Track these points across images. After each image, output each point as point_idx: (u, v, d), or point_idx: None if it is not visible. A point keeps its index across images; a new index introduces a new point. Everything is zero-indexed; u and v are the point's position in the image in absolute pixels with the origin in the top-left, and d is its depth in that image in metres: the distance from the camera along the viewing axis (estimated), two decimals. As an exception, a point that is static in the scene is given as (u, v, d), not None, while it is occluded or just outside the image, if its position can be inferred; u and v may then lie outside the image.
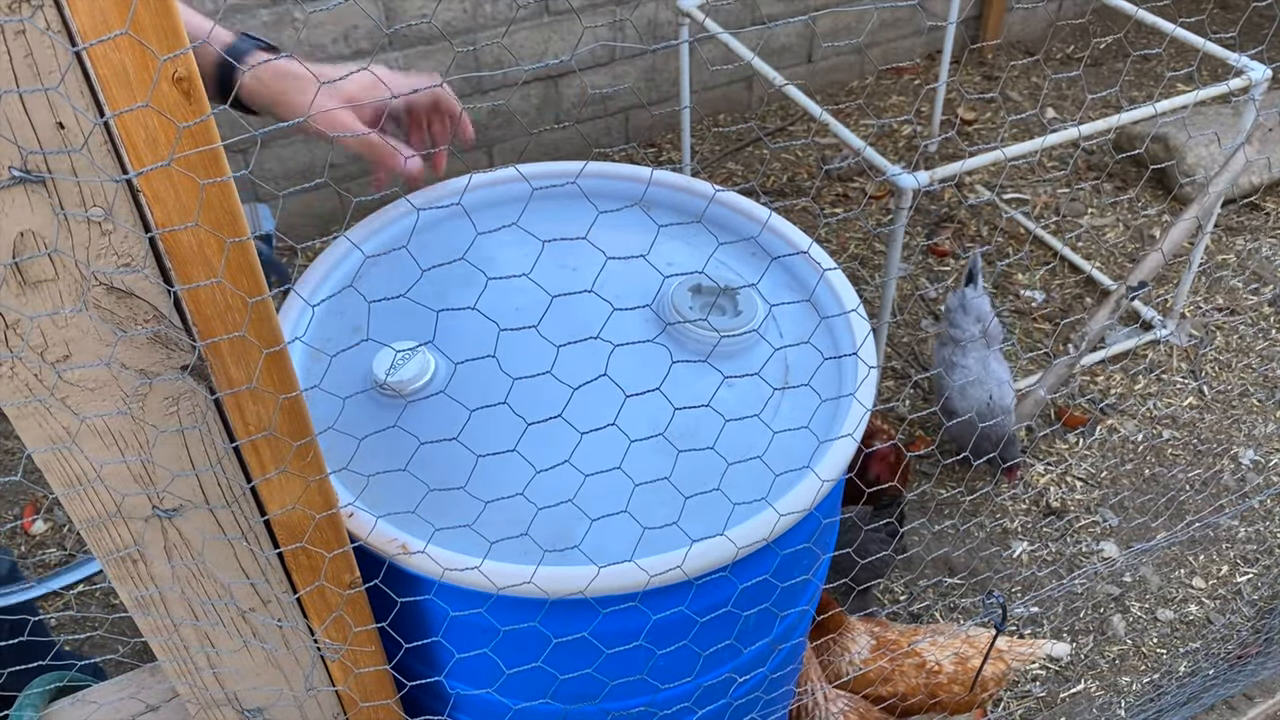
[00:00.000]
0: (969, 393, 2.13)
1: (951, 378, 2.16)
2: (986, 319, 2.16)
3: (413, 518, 0.91)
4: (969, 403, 2.14)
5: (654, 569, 0.88)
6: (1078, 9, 3.68)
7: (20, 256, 0.58)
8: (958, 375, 2.14)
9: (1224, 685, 1.74)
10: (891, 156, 3.13)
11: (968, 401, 2.14)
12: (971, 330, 2.14)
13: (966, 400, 2.14)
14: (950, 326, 2.18)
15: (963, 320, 2.16)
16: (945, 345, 2.21)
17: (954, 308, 2.18)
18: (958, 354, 2.16)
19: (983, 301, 2.17)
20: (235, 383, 0.68)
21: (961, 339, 2.16)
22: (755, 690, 1.15)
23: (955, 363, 2.16)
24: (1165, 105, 2.07)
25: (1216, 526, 2.20)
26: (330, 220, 2.83)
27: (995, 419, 2.10)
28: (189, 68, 0.55)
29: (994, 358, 2.17)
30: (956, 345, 2.17)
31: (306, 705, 0.95)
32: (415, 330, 1.11)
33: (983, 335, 2.16)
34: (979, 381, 2.13)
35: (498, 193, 1.26)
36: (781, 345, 1.12)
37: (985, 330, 2.16)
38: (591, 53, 2.92)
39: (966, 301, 2.16)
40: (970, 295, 2.15)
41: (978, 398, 2.13)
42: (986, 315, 2.17)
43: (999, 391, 2.14)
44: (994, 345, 2.19)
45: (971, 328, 2.14)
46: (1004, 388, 2.15)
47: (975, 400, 2.13)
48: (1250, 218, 2.97)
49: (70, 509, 0.72)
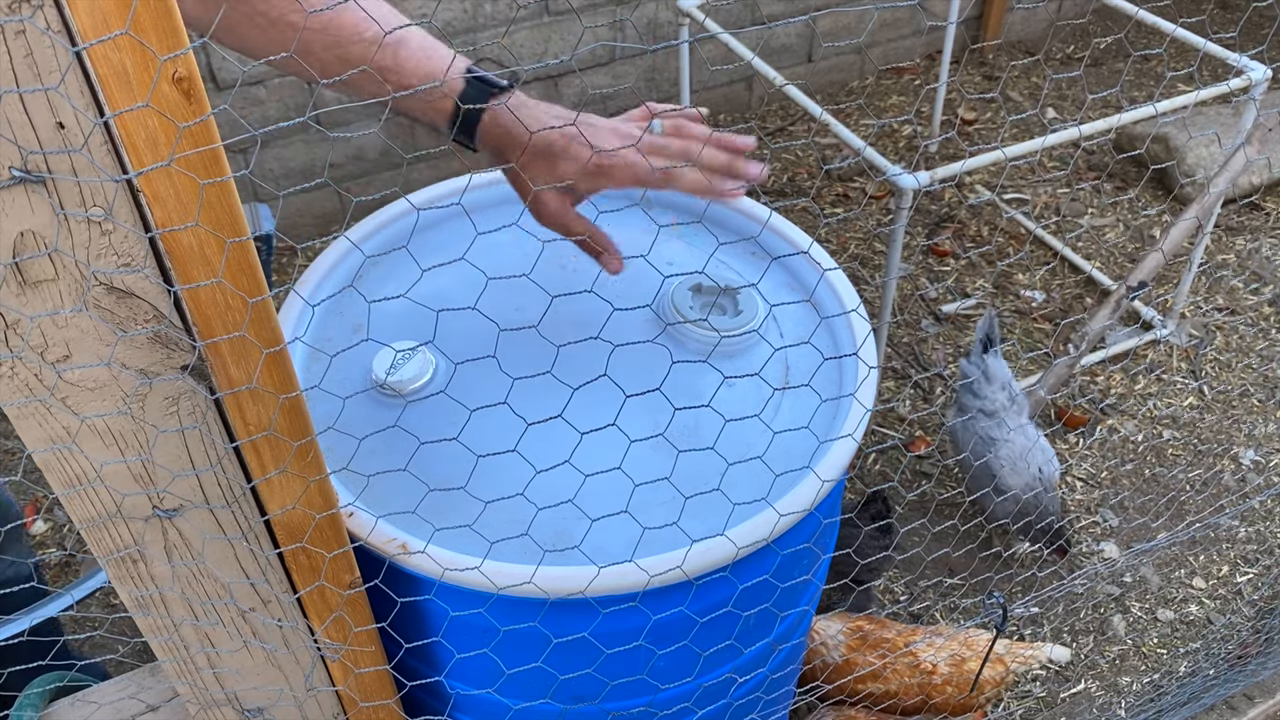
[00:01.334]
0: (1018, 468, 1.96)
1: (996, 454, 1.97)
2: (1010, 383, 2.01)
3: (413, 518, 0.91)
4: (1020, 478, 1.96)
5: (654, 569, 0.88)
6: (1078, 9, 3.68)
7: (20, 256, 0.58)
8: (1002, 450, 1.97)
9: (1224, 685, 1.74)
10: (892, 156, 3.13)
11: (1019, 477, 1.96)
12: (1000, 398, 2.00)
13: (1018, 475, 1.96)
14: (974, 399, 2.01)
15: (988, 390, 2.00)
16: (973, 418, 2.02)
17: (975, 377, 2.01)
18: (993, 427, 1.99)
19: (1003, 365, 2.03)
20: (235, 383, 0.68)
21: (993, 409, 1.99)
22: (755, 690, 1.15)
23: (994, 437, 1.98)
24: (1165, 105, 2.08)
25: (1217, 527, 2.20)
26: (330, 220, 2.83)
27: (1048, 493, 1.96)
28: (189, 68, 0.55)
29: (1030, 425, 2.02)
30: (989, 417, 1.99)
31: (306, 705, 0.95)
32: (415, 330, 1.11)
33: (1011, 401, 2.00)
34: (1024, 454, 1.97)
35: (498, 193, 1.26)
36: (782, 345, 1.12)
37: (1012, 396, 2.01)
38: (591, 53, 2.92)
39: (989, 369, 2.01)
40: (991, 361, 2.01)
41: (1026, 472, 1.96)
42: (1009, 379, 2.02)
43: (1045, 461, 1.97)
44: (1024, 411, 2.03)
45: (999, 395, 2.00)
46: (1051, 456, 1.99)
47: (1025, 475, 1.96)
48: (1250, 218, 2.97)
49: (70, 509, 0.72)
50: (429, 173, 2.92)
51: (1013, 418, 2.00)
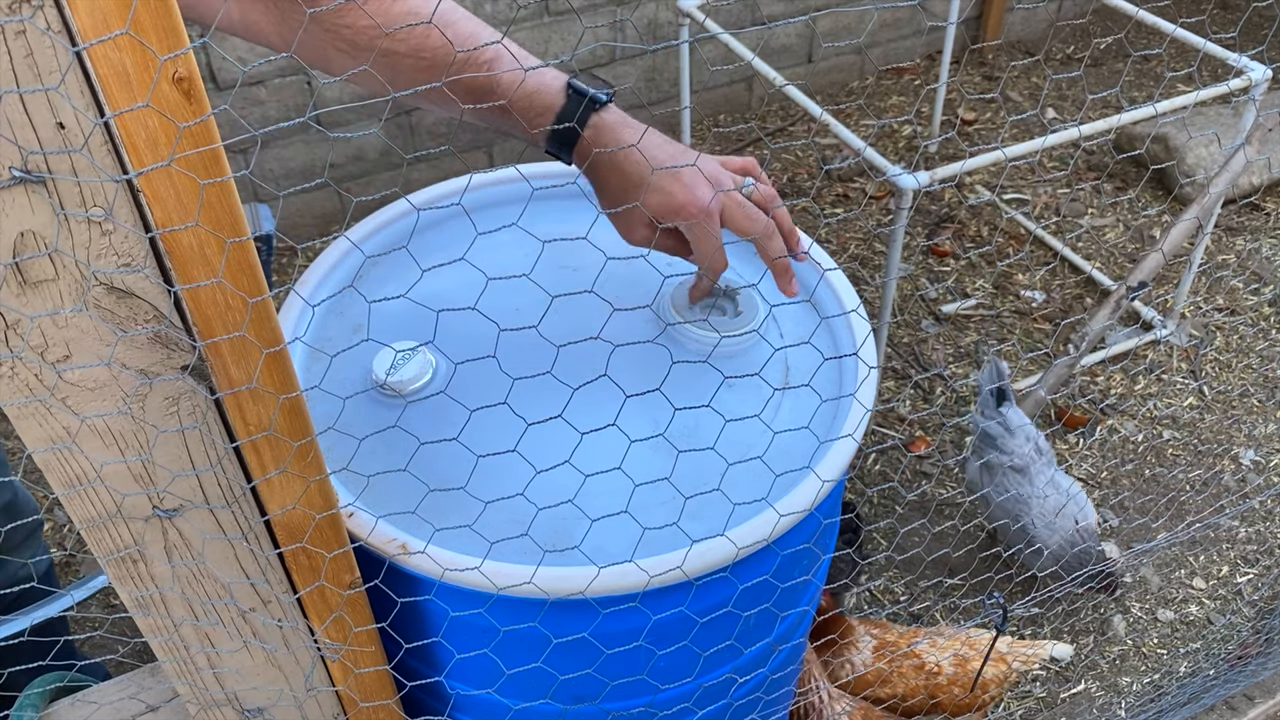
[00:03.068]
0: (1056, 524, 1.88)
1: (1030, 515, 1.89)
2: (1033, 433, 1.93)
3: (413, 518, 0.91)
4: (1058, 534, 1.88)
5: (654, 569, 0.88)
6: (1078, 9, 3.68)
7: (20, 256, 0.58)
8: (1035, 508, 1.89)
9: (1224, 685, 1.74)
10: (892, 156, 3.13)
11: (1056, 533, 1.88)
12: (1027, 451, 1.92)
13: (1054, 532, 1.89)
14: (999, 454, 1.94)
15: (1012, 444, 1.92)
16: (1000, 475, 1.94)
17: (997, 434, 1.94)
18: (1023, 483, 1.91)
19: (1020, 415, 1.96)
20: (235, 383, 0.68)
21: (1022, 464, 1.91)
22: (756, 691, 1.15)
23: (1026, 494, 1.90)
24: (1165, 105, 2.08)
25: (1217, 527, 2.20)
26: (330, 220, 2.83)
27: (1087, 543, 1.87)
28: (189, 68, 0.55)
29: (1059, 474, 1.94)
30: (1019, 473, 1.91)
31: (307, 705, 0.95)
32: (415, 330, 1.11)
33: (1040, 454, 1.93)
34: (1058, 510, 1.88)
35: (498, 193, 1.26)
36: (782, 345, 1.12)
37: (1039, 448, 1.93)
38: (592, 53, 2.92)
39: (1008, 421, 1.93)
40: (1009, 413, 1.94)
41: (1065, 527, 1.88)
42: (1031, 429, 1.93)
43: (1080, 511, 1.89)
44: (1051, 462, 1.95)
45: (1025, 448, 1.92)
46: (1085, 504, 1.91)
47: (1063, 529, 1.88)
48: (1250, 218, 2.97)
49: (70, 509, 0.72)
50: (429, 173, 2.92)
51: (1043, 471, 1.92)
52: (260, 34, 0.93)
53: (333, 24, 0.91)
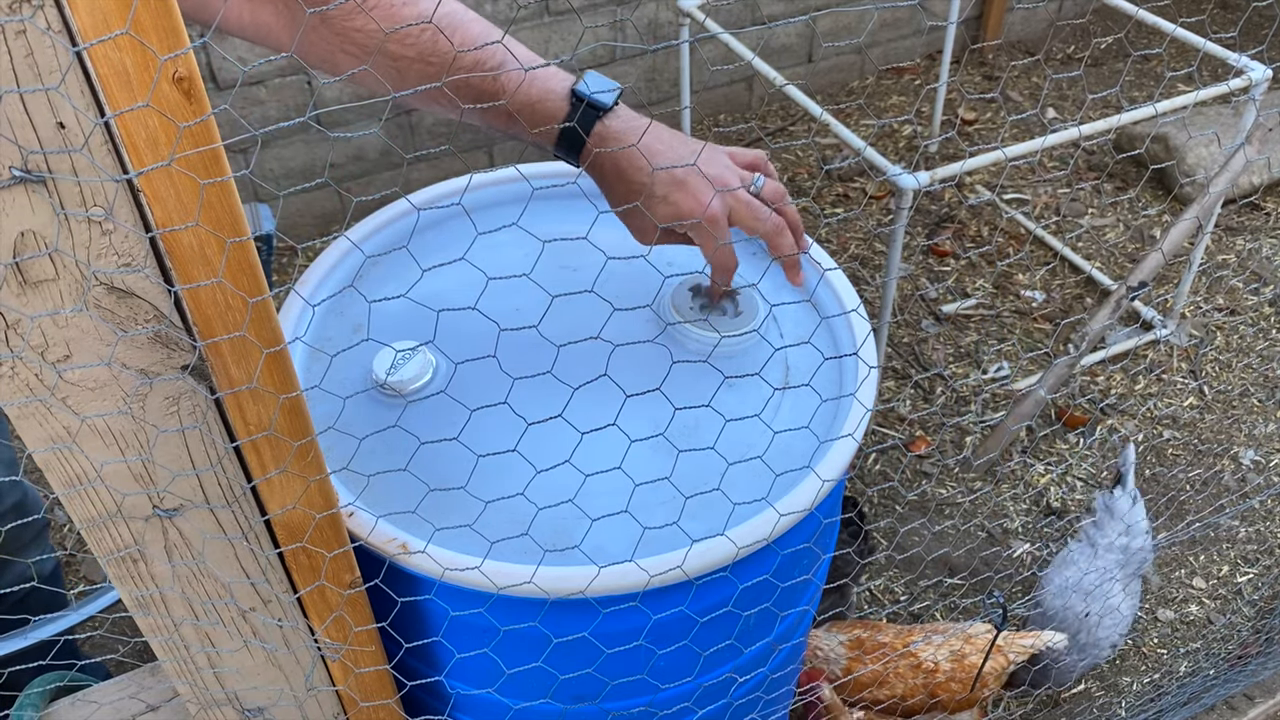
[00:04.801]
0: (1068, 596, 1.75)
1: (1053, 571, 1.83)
2: (1137, 530, 1.78)
3: (413, 518, 0.91)
4: (1061, 612, 1.76)
5: (654, 569, 0.88)
6: (1078, 9, 3.68)
7: (21, 256, 0.58)
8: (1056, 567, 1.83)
9: (1224, 685, 1.74)
10: (892, 156, 3.13)
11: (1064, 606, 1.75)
12: (1111, 537, 1.81)
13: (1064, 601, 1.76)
14: (1095, 529, 1.86)
15: (1107, 522, 1.83)
16: (1077, 542, 1.88)
17: (1100, 509, 1.86)
18: (1080, 552, 1.83)
19: (1129, 506, 1.80)
20: (236, 383, 0.68)
21: (1099, 541, 1.83)
22: (756, 690, 1.15)
23: (1068, 559, 1.84)
24: (1165, 105, 2.07)
25: (1217, 526, 2.20)
26: (330, 220, 2.83)
27: (1075, 656, 1.75)
28: (189, 67, 0.55)
29: (1127, 582, 1.80)
30: (1090, 545, 1.84)
31: (307, 705, 0.95)
32: (415, 330, 1.11)
33: (1124, 552, 1.81)
34: (1083, 590, 1.75)
35: (498, 193, 1.26)
36: (782, 345, 1.12)
37: (1128, 549, 1.80)
38: (592, 53, 2.92)
39: (1113, 506, 1.83)
40: (1118, 499, 1.83)
41: (1074, 609, 1.75)
42: (1138, 526, 1.78)
43: (1105, 621, 1.75)
44: (1134, 569, 1.81)
45: (1111, 533, 1.81)
46: (1118, 620, 1.77)
47: (1070, 612, 1.75)
48: (1250, 218, 2.97)
49: (70, 509, 0.72)
50: (429, 173, 2.92)
51: (1109, 557, 1.80)
52: (271, 36, 0.93)
53: (343, 27, 0.90)
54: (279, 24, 0.92)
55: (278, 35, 0.93)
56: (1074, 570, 1.80)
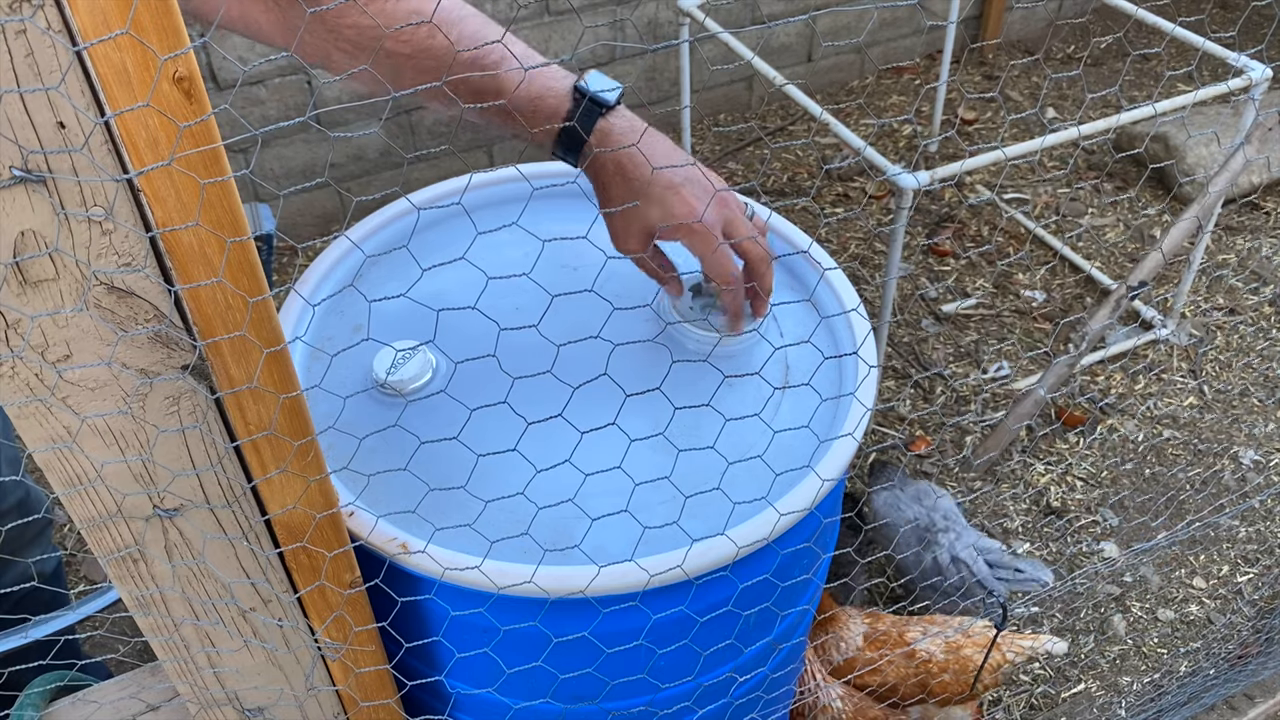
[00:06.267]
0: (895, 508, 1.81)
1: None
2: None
3: (413, 517, 0.91)
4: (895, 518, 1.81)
5: (654, 569, 0.88)
6: (1078, 9, 3.68)
7: (21, 256, 0.58)
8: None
9: (1225, 685, 1.74)
10: (892, 156, 3.13)
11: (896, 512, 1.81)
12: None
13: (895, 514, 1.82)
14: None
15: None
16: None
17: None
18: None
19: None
20: (236, 382, 0.68)
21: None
22: (756, 690, 1.15)
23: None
24: (1165, 105, 2.07)
25: (1217, 526, 2.20)
26: (330, 220, 2.83)
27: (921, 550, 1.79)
28: (189, 67, 0.55)
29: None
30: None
31: (307, 705, 0.95)
32: (415, 330, 1.11)
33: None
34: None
35: (498, 193, 1.26)
36: (782, 345, 1.12)
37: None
38: (592, 52, 2.92)
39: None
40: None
41: (905, 515, 1.83)
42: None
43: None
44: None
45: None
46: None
47: (901, 516, 1.81)
48: (1250, 217, 2.97)
49: (71, 509, 0.72)
50: (429, 173, 2.92)
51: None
52: (260, 31, 0.93)
53: (335, 24, 0.90)
54: (267, 20, 0.92)
55: (267, 32, 0.93)
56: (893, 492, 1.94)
